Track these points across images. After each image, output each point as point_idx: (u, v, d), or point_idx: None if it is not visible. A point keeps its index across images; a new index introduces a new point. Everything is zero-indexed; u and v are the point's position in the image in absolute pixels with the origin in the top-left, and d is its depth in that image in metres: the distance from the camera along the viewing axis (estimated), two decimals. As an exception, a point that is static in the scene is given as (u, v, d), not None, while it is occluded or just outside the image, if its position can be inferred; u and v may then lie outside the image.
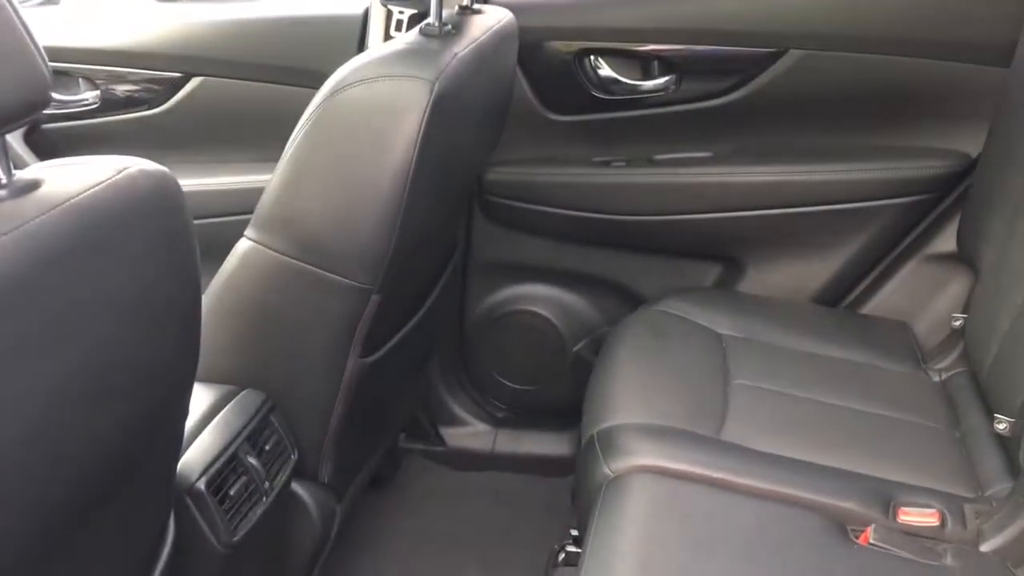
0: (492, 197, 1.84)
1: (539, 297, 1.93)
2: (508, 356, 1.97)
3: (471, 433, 1.99)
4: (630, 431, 1.31)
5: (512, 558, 1.74)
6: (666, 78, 1.76)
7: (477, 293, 1.94)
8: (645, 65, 1.77)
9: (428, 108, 1.15)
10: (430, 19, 1.31)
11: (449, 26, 1.33)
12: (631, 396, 1.40)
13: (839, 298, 1.78)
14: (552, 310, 1.93)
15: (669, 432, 1.31)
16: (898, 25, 1.63)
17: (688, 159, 1.78)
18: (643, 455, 1.25)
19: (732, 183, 1.75)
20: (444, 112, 1.18)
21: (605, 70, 1.77)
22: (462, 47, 1.28)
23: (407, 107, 1.15)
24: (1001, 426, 1.28)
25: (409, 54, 1.23)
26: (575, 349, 1.92)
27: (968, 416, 1.41)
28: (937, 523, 1.19)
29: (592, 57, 1.77)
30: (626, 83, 1.77)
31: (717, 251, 1.83)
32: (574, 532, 1.40)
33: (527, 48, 1.72)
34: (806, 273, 1.78)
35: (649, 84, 1.77)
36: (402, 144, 1.15)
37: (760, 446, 1.31)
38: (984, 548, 1.16)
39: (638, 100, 1.78)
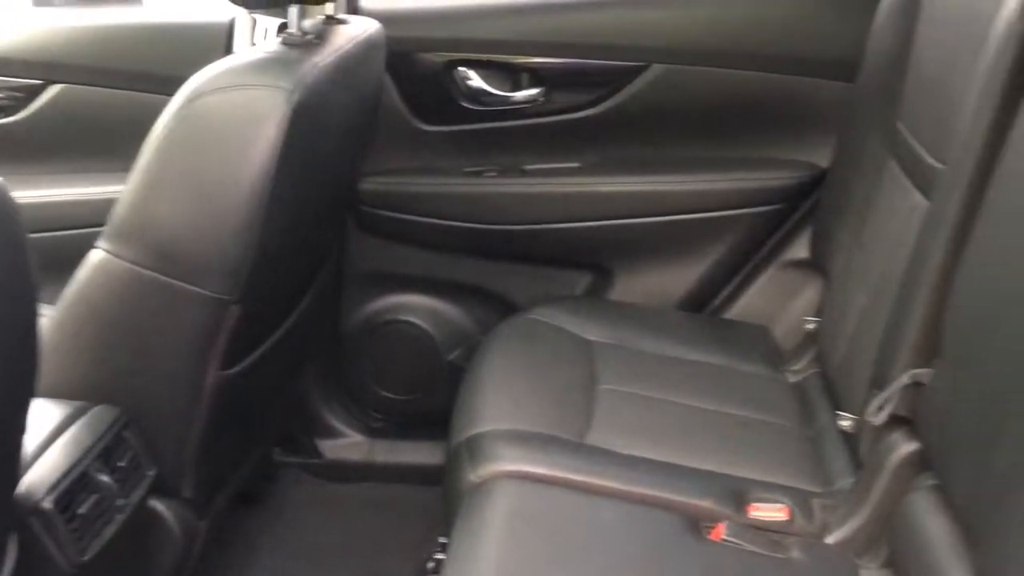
0: (366, 207, 1.84)
1: (415, 307, 1.94)
2: (384, 366, 1.97)
3: (347, 444, 1.97)
4: (496, 437, 1.32)
5: (390, 569, 1.74)
6: (535, 90, 1.79)
7: (353, 303, 1.93)
8: (515, 77, 1.80)
9: (286, 118, 1.14)
10: (290, 28, 1.30)
11: (311, 35, 1.32)
12: (498, 403, 1.41)
13: (703, 304, 1.84)
14: (428, 320, 1.94)
15: (534, 437, 1.34)
16: (751, 42, 1.70)
17: (558, 169, 1.82)
18: (507, 461, 1.27)
19: (600, 193, 1.80)
20: (304, 122, 1.18)
21: (475, 81, 1.80)
22: (324, 56, 1.28)
23: (263, 117, 1.14)
24: (845, 423, 1.34)
25: (266, 63, 1.23)
26: (450, 358, 1.93)
27: (819, 415, 1.48)
28: (786, 517, 1.24)
29: (462, 68, 1.79)
30: (496, 94, 1.80)
31: (587, 259, 1.87)
32: (443, 540, 1.40)
33: (397, 59, 1.73)
34: (672, 280, 1.83)
35: (519, 95, 1.80)
36: (259, 154, 1.14)
37: (623, 449, 1.34)
38: (829, 540, 1.22)
39: (508, 111, 1.81)
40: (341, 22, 1.47)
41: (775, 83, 1.72)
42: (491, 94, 1.80)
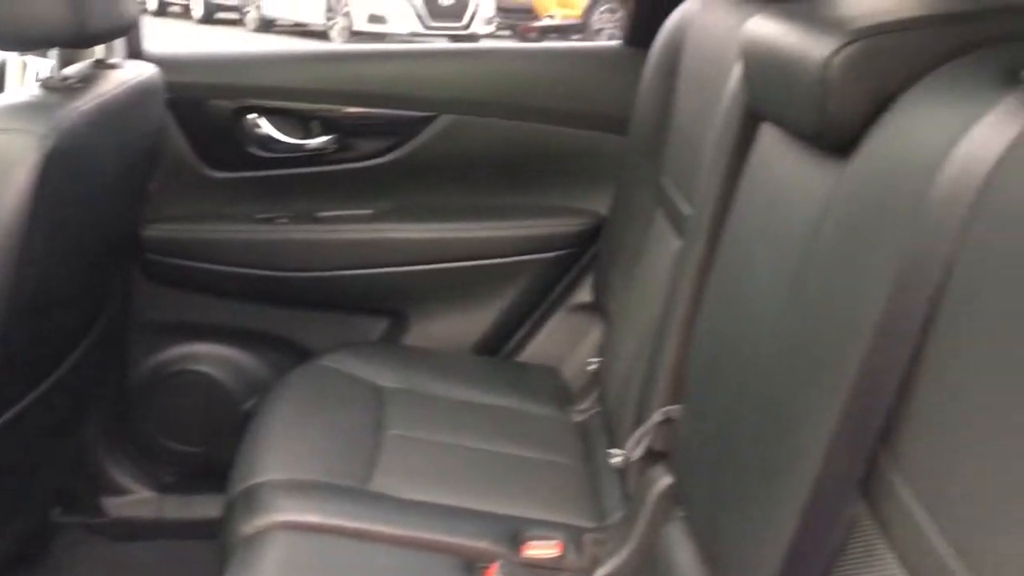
0: (152, 255, 1.79)
1: (207, 356, 1.89)
2: (176, 418, 1.90)
3: (135, 501, 1.89)
4: (273, 487, 1.31)
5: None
6: (327, 137, 1.81)
7: (140, 353, 1.87)
8: (306, 124, 1.81)
9: (38, 164, 1.11)
10: (51, 72, 1.27)
11: (74, 80, 1.29)
12: (278, 452, 1.40)
13: (498, 347, 1.89)
14: (221, 369, 1.89)
15: (313, 486, 1.33)
16: (535, 96, 1.78)
17: (351, 216, 1.83)
18: (282, 511, 1.26)
19: (393, 239, 1.82)
20: (60, 168, 1.14)
21: (265, 128, 1.79)
22: (86, 101, 1.25)
23: (14, 162, 1.10)
24: (615, 460, 1.40)
25: (20, 107, 1.18)
26: (244, 408, 1.89)
27: (598, 452, 1.54)
28: (558, 553, 1.28)
29: (252, 115, 1.78)
30: (287, 142, 1.80)
31: (383, 305, 1.88)
32: (221, 596, 1.37)
33: (184, 104, 1.71)
34: (467, 325, 1.87)
35: (310, 143, 1.81)
36: (9, 200, 1.10)
37: (407, 494, 1.35)
38: (598, 574, 1.26)
39: (300, 158, 1.81)
40: (112, 66, 1.44)
41: (559, 135, 1.80)
42: (282, 141, 1.80)
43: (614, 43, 1.89)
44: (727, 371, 1.02)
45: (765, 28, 0.97)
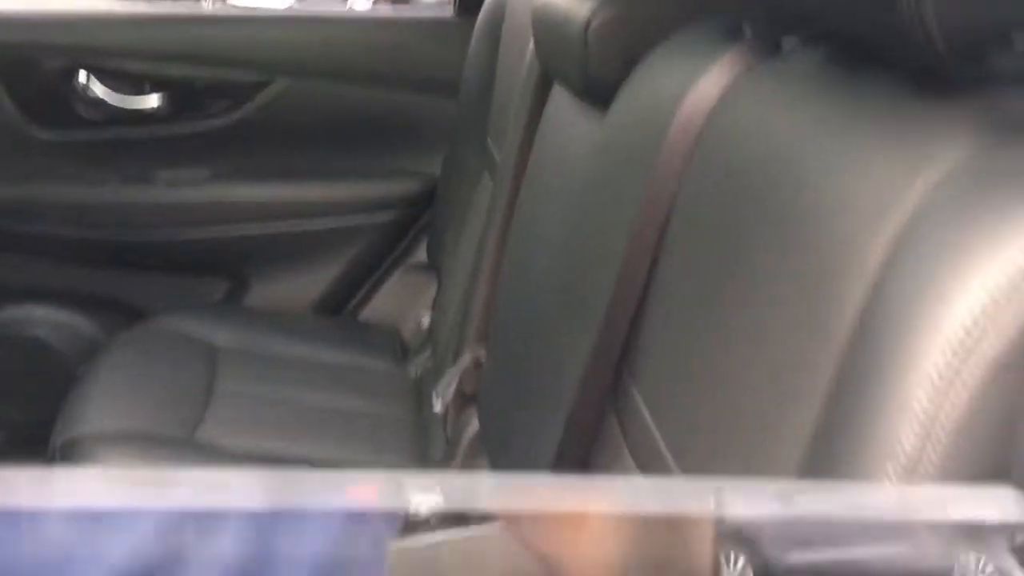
0: None
1: (39, 319, 1.86)
2: (4, 382, 1.87)
3: None
4: (94, 438, 1.32)
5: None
6: (161, 99, 1.80)
7: (-34, 318, 1.83)
8: (139, 85, 1.80)
9: None
10: None
11: None
12: (103, 406, 1.41)
13: (339, 307, 1.93)
14: (54, 332, 1.87)
15: (136, 436, 1.35)
16: (369, 61, 1.82)
17: (187, 177, 1.83)
18: (103, 461, 1.27)
19: (231, 201, 1.84)
20: None
21: (98, 88, 1.78)
22: None
23: None
24: (437, 408, 1.47)
25: None
26: (78, 372, 1.88)
27: (428, 403, 1.61)
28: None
29: (84, 74, 1.76)
30: (120, 104, 1.79)
31: (222, 267, 1.89)
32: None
33: (10, 63, 1.68)
34: (307, 285, 1.90)
35: (144, 105, 1.80)
36: None
37: (232, 444, 1.39)
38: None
39: (134, 120, 1.80)
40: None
41: (394, 100, 1.85)
42: (115, 102, 1.78)
43: (445, 13, 1.95)
44: (520, 312, 1.09)
45: (549, -6, 1.05)
